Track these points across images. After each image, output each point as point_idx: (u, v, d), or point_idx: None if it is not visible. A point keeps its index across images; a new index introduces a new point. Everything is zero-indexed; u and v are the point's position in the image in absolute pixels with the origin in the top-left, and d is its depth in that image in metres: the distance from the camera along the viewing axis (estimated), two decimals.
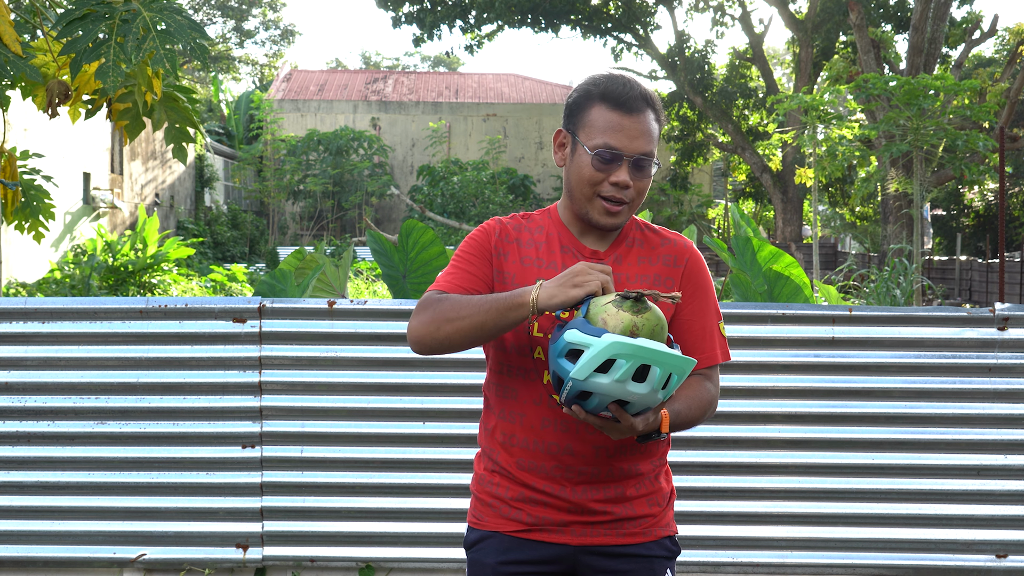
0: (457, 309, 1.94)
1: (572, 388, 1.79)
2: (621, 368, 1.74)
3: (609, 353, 1.73)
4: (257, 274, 17.39)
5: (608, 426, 1.83)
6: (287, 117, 31.08)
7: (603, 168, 1.99)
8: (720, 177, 35.25)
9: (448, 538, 3.76)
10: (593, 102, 2.01)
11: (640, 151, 1.99)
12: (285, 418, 3.80)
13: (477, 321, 1.91)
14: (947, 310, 3.78)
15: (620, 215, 2.03)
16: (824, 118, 15.85)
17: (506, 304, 1.89)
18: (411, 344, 2.02)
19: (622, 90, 1.99)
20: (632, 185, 2.00)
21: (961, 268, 21.71)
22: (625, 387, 1.75)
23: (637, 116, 1.98)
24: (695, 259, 2.13)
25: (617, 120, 1.98)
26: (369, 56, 58.23)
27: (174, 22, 3.06)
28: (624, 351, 1.73)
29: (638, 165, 1.99)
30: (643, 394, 1.77)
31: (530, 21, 26.56)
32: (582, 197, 2.03)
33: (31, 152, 5.17)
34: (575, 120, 2.04)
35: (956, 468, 3.78)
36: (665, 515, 2.13)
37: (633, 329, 1.78)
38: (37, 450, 3.79)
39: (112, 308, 3.79)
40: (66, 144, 16.66)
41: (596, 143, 1.98)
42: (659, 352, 1.74)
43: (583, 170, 2.01)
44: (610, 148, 1.97)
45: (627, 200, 2.01)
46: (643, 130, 1.99)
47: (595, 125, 1.99)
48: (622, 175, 1.98)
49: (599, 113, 1.99)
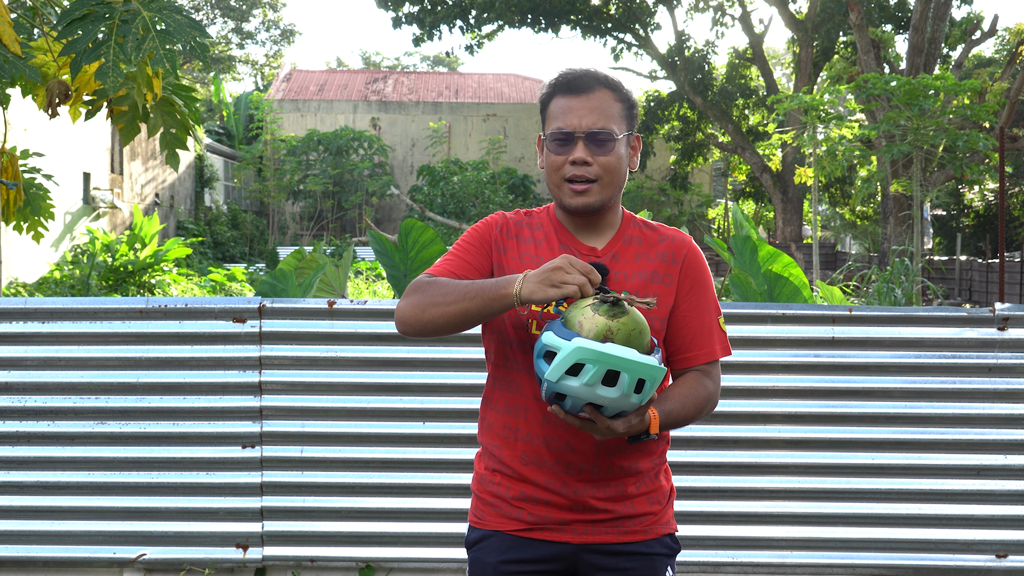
0: (444, 294, 1.97)
1: (547, 389, 1.83)
2: (588, 373, 1.76)
3: (575, 358, 1.75)
4: (257, 274, 17.39)
5: (588, 426, 1.86)
6: (287, 117, 31.07)
7: (560, 151, 2.04)
8: (720, 177, 35.24)
9: (448, 538, 3.77)
10: (552, 96, 2.08)
11: (591, 127, 2.03)
12: (285, 418, 3.80)
13: (462, 307, 1.94)
14: (947, 310, 3.78)
15: (588, 194, 2.05)
16: (824, 118, 15.85)
17: (491, 293, 1.91)
18: (397, 324, 2.05)
19: (573, 76, 2.06)
20: (592, 161, 2.03)
21: (961, 268, 21.71)
22: (595, 391, 1.77)
23: (587, 95, 2.04)
24: (693, 254, 2.13)
25: (567, 103, 2.05)
26: (369, 56, 58.22)
27: (174, 21, 3.06)
28: (589, 357, 1.75)
29: (594, 140, 2.03)
30: (614, 398, 1.78)
31: (530, 21, 26.56)
32: (553, 186, 2.09)
33: (31, 152, 5.17)
34: (543, 119, 2.12)
35: (956, 468, 3.78)
36: (665, 513, 2.14)
37: (607, 334, 1.79)
38: (37, 450, 3.79)
39: (112, 308, 3.79)
40: (66, 144, 16.65)
41: (551, 130, 2.06)
42: (624, 359, 1.75)
43: (548, 159, 2.08)
44: (561, 130, 2.04)
45: (592, 177, 2.04)
46: (594, 107, 2.03)
47: (552, 115, 2.08)
48: (578, 152, 2.03)
49: (555, 103, 2.07)
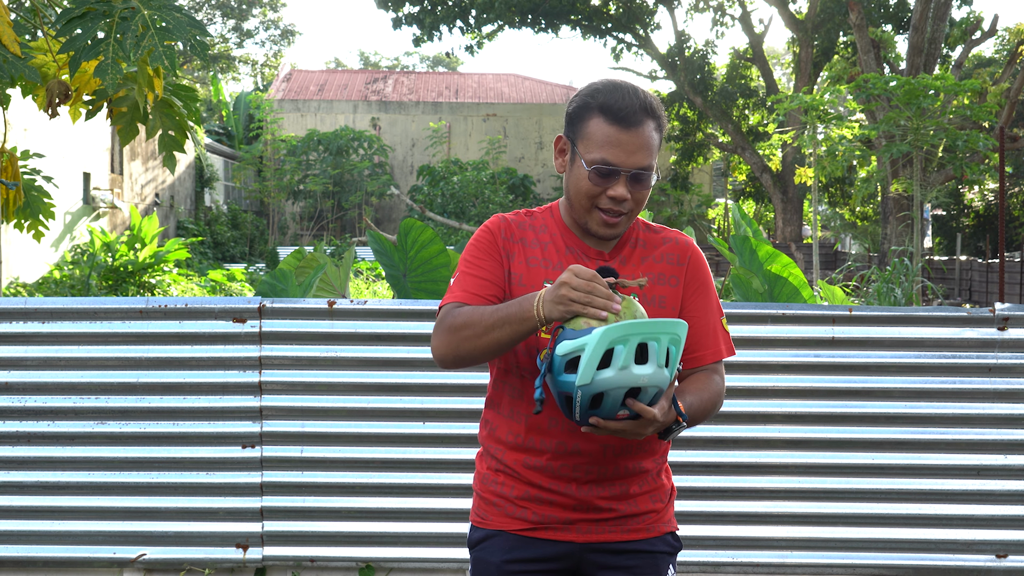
0: (473, 326, 1.93)
1: (583, 397, 1.78)
2: (621, 355, 1.74)
3: (606, 342, 1.74)
4: (257, 274, 17.40)
5: (630, 427, 1.82)
6: (287, 117, 31.08)
7: (600, 183, 1.97)
8: (720, 177, 35.24)
9: (448, 538, 3.76)
10: (592, 113, 1.97)
11: (638, 165, 1.96)
12: (285, 418, 3.80)
13: (494, 338, 1.92)
14: (947, 310, 3.78)
15: (618, 226, 2.02)
16: (824, 118, 15.85)
17: (516, 319, 1.89)
18: (437, 362, 2.03)
19: (621, 103, 1.95)
20: (630, 198, 1.98)
21: (961, 268, 21.71)
22: (631, 372, 1.75)
23: (636, 130, 1.95)
24: (697, 256, 2.14)
25: (615, 134, 1.95)
26: (368, 56, 58.22)
27: (173, 19, 3.06)
28: (619, 335, 1.74)
29: (636, 179, 1.97)
30: (650, 375, 1.77)
31: (530, 21, 26.56)
32: (580, 208, 2.02)
33: (31, 152, 5.17)
34: (574, 129, 2.01)
35: (956, 468, 3.78)
36: (667, 511, 2.14)
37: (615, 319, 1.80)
38: (37, 450, 3.79)
39: (112, 308, 3.79)
40: (66, 144, 16.65)
41: (593, 157, 1.96)
42: (650, 323, 1.76)
43: (581, 183, 1.99)
44: (607, 163, 1.95)
45: (625, 211, 2.00)
46: (641, 144, 1.96)
47: (593, 138, 1.96)
48: (619, 189, 1.97)
49: (597, 126, 1.96)
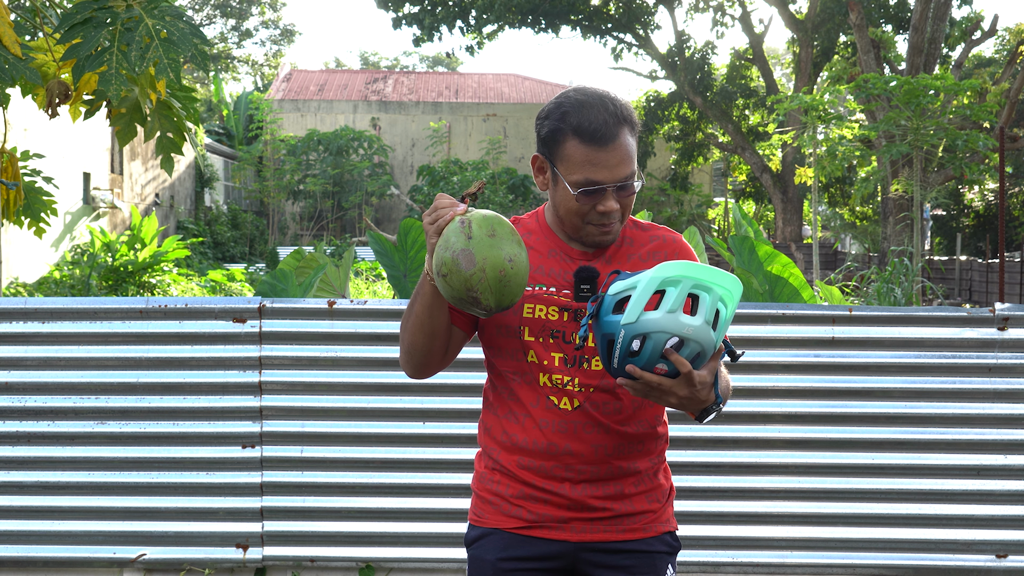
0: (403, 317, 2.04)
1: (625, 336, 1.78)
2: (671, 297, 1.75)
3: (657, 282, 1.75)
4: (257, 274, 17.39)
5: (666, 384, 1.81)
6: (287, 117, 31.07)
7: (588, 201, 1.97)
8: (720, 177, 35.24)
9: (448, 538, 3.77)
10: (566, 136, 1.95)
11: (621, 177, 1.96)
12: (285, 418, 3.80)
13: (414, 315, 2.00)
14: (947, 310, 3.78)
15: (612, 231, 2.03)
16: (824, 118, 15.85)
17: (419, 286, 1.97)
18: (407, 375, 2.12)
19: (595, 121, 1.93)
20: (619, 207, 1.99)
21: (961, 268, 21.71)
22: (678, 318, 1.75)
23: (613, 144, 1.94)
24: (685, 251, 2.13)
25: (593, 155, 1.93)
26: (368, 56, 58.21)
27: (177, 30, 3.06)
28: (671, 273, 1.75)
29: (622, 188, 1.98)
30: (696, 327, 1.76)
31: (530, 21, 26.56)
32: (572, 225, 2.02)
33: (31, 153, 5.17)
34: (551, 151, 1.99)
35: (956, 468, 3.78)
36: (665, 511, 2.14)
37: (471, 226, 1.81)
38: (37, 450, 3.79)
39: (112, 308, 3.79)
40: (66, 144, 16.65)
41: (576, 179, 1.95)
42: (703, 268, 1.77)
43: (569, 203, 1.99)
44: (592, 183, 1.95)
45: (617, 219, 2.02)
46: (621, 156, 1.95)
47: (573, 160, 1.95)
48: (608, 203, 1.97)
49: (574, 148, 1.94)
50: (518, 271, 1.82)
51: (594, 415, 2.03)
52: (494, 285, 1.80)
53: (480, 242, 1.80)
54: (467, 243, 1.79)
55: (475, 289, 1.79)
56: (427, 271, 1.91)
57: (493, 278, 1.79)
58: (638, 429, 2.06)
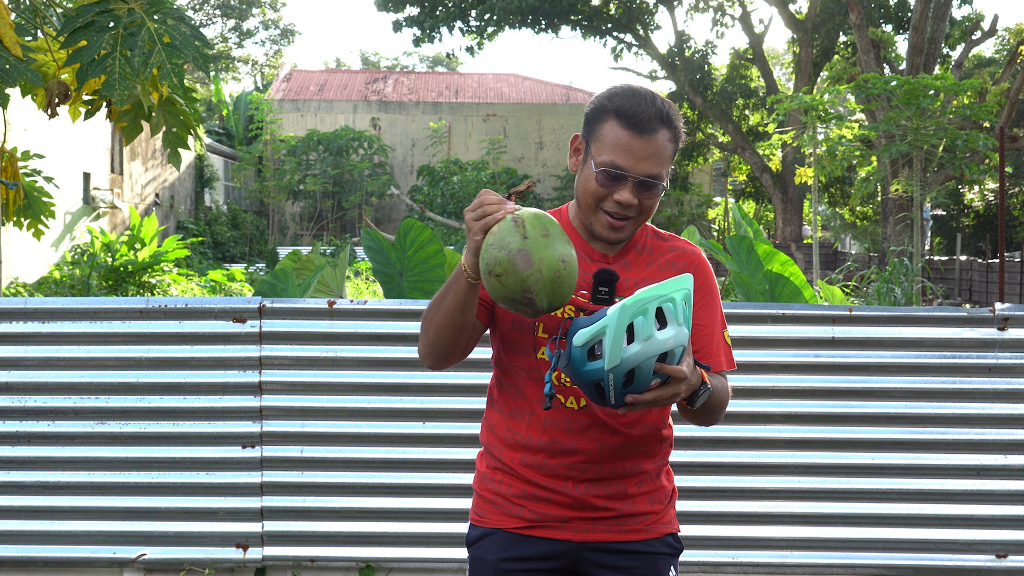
0: (430, 308, 1.99)
1: (615, 378, 1.77)
2: (643, 325, 1.74)
3: (627, 318, 1.73)
4: (257, 274, 17.40)
5: (665, 392, 1.81)
6: (287, 117, 31.07)
7: (607, 185, 1.97)
8: (720, 177, 35.24)
9: (448, 538, 3.77)
10: (607, 116, 1.98)
11: (647, 172, 1.96)
12: (285, 418, 3.80)
13: (444, 309, 1.95)
14: (947, 310, 3.78)
15: (623, 230, 2.02)
16: (824, 118, 15.85)
17: (452, 280, 1.93)
18: (424, 364, 2.09)
19: (637, 108, 1.95)
20: (636, 204, 1.98)
21: (961, 268, 21.70)
22: (656, 339, 1.74)
23: (648, 137, 1.95)
24: (704, 266, 2.13)
25: (627, 139, 1.95)
26: (368, 56, 58.22)
27: (179, 33, 3.06)
28: (636, 307, 1.73)
29: (644, 185, 1.97)
30: (674, 335, 1.76)
31: (530, 22, 26.56)
32: (586, 208, 2.03)
33: (31, 153, 5.18)
34: (590, 130, 2.02)
35: (956, 468, 3.78)
36: (667, 512, 2.14)
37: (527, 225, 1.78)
38: (37, 450, 3.79)
39: (112, 308, 3.79)
40: (66, 144, 16.65)
41: (603, 159, 1.96)
42: (661, 287, 1.76)
43: (588, 183, 2.00)
44: (616, 167, 1.95)
45: (631, 216, 2.00)
46: (653, 152, 1.96)
47: (605, 140, 1.97)
48: (625, 194, 1.97)
49: (611, 129, 1.97)
50: (571, 271, 1.80)
51: (600, 415, 2.03)
52: (548, 286, 1.77)
53: (536, 242, 1.77)
54: (523, 243, 1.76)
55: (531, 290, 1.76)
56: (463, 268, 1.88)
57: (548, 279, 1.76)
58: (644, 431, 2.07)
